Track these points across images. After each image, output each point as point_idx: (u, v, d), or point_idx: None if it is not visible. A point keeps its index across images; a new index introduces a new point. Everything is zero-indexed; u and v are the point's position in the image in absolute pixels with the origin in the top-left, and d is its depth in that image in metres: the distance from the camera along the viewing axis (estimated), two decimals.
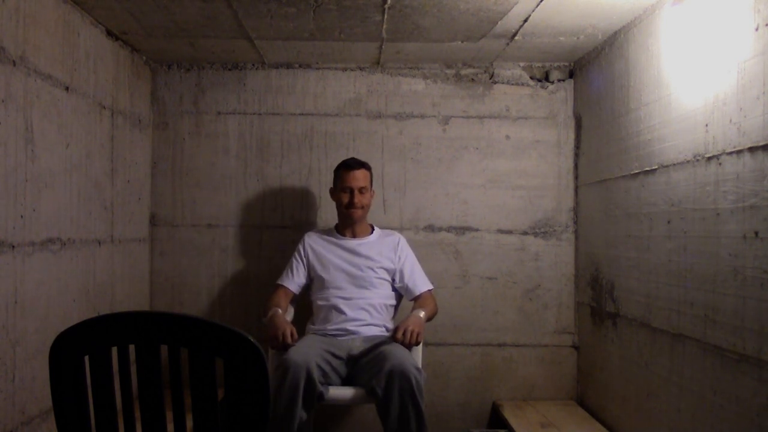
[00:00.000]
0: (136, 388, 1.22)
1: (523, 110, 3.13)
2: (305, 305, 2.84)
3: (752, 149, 1.68)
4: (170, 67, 3.11)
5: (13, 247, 1.92)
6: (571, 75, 3.13)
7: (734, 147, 1.76)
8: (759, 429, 1.64)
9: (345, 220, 2.72)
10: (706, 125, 1.91)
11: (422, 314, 2.47)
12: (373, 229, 2.79)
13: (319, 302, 2.64)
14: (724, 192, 1.80)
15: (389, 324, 2.64)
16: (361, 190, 2.66)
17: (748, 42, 1.70)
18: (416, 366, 2.24)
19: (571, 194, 3.13)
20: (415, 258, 2.77)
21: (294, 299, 2.72)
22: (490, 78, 3.14)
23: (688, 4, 2.04)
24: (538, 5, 2.29)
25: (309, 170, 3.13)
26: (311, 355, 2.25)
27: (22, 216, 1.97)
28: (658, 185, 2.22)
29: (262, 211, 3.12)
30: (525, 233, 3.12)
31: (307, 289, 2.74)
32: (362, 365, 2.39)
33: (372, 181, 2.76)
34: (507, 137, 3.13)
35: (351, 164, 2.68)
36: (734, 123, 1.76)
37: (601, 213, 2.77)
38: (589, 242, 2.95)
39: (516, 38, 2.69)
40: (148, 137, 3.07)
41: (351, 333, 2.53)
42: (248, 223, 3.12)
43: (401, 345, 2.35)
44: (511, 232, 3.12)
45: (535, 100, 3.13)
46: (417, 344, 2.40)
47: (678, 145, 2.08)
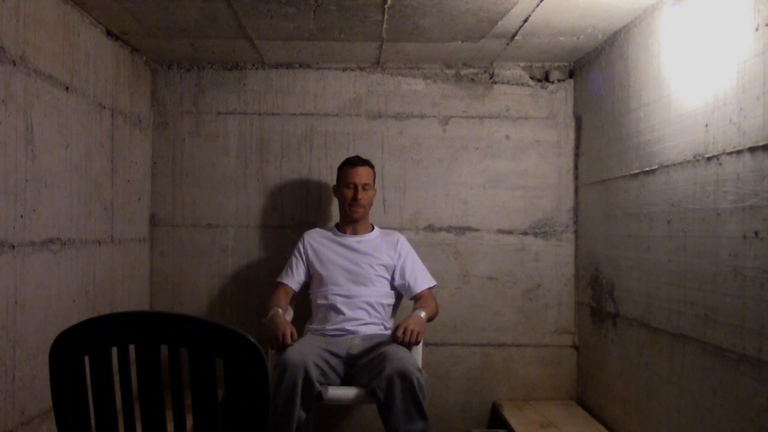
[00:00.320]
0: (136, 388, 1.22)
1: (523, 110, 3.13)
2: (305, 305, 2.84)
3: (752, 149, 1.68)
4: (170, 67, 3.12)
5: (13, 247, 1.92)
6: (571, 75, 3.13)
7: (734, 147, 1.76)
8: (759, 429, 1.64)
9: (347, 217, 2.73)
10: (706, 125, 1.91)
11: (423, 314, 2.47)
12: (373, 228, 2.80)
13: (318, 301, 2.64)
14: (724, 192, 1.80)
15: (388, 323, 2.65)
16: (365, 187, 2.68)
17: (748, 42, 1.70)
18: (417, 367, 2.24)
19: (571, 194, 3.13)
20: (417, 256, 2.77)
21: (294, 297, 2.73)
22: (490, 78, 3.14)
23: (688, 4, 2.04)
24: (538, 5, 2.29)
25: (309, 170, 3.13)
26: (309, 355, 2.26)
27: (22, 216, 1.97)
28: (658, 185, 2.22)
29: (262, 211, 3.12)
30: (525, 233, 3.12)
31: (307, 287, 2.75)
32: (362, 365, 2.39)
33: (375, 180, 2.77)
34: (507, 137, 3.13)
35: (355, 161, 2.71)
36: (734, 123, 1.76)
37: (601, 213, 2.77)
38: (589, 242, 2.95)
39: (516, 38, 2.69)
40: (148, 137, 3.07)
41: (350, 332, 2.53)
42: (248, 223, 3.12)
43: (401, 344, 2.35)
44: (511, 232, 3.12)
45: (535, 100, 3.13)
46: (417, 344, 2.40)
47: (678, 145, 2.08)
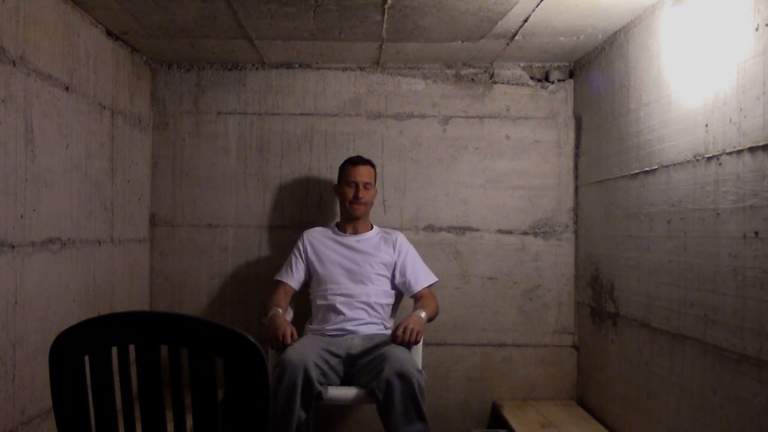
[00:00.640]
0: (136, 388, 1.22)
1: (523, 110, 3.13)
2: (305, 305, 2.84)
3: (752, 149, 1.68)
4: (170, 67, 3.11)
5: (13, 247, 1.92)
6: (571, 75, 3.13)
7: (734, 147, 1.76)
8: (759, 429, 1.64)
9: (348, 216, 2.74)
10: (706, 125, 1.91)
11: (423, 315, 2.47)
12: (373, 227, 2.81)
13: (318, 302, 2.64)
14: (724, 192, 1.80)
15: (388, 323, 2.65)
16: (366, 186, 2.70)
17: (748, 42, 1.70)
18: (417, 368, 2.24)
19: (571, 194, 3.13)
20: (417, 254, 2.78)
21: (294, 297, 2.73)
22: (490, 78, 3.14)
23: (688, 4, 2.04)
24: (538, 5, 2.29)
25: (309, 170, 3.13)
26: (308, 355, 2.26)
27: (22, 216, 1.97)
28: (658, 185, 2.22)
29: (262, 211, 3.12)
30: (525, 233, 3.12)
31: (307, 286, 2.75)
32: (362, 366, 2.39)
33: (375, 180, 2.78)
34: (507, 137, 3.13)
35: (356, 160, 2.74)
36: (734, 123, 1.76)
37: (601, 213, 2.77)
38: (589, 242, 2.95)
39: (516, 38, 2.69)
40: (148, 137, 3.07)
41: (350, 332, 2.54)
42: (248, 223, 3.12)
43: (401, 343, 2.35)
44: (511, 232, 3.12)
45: (535, 100, 3.13)
46: (416, 343, 2.40)
47: (678, 145, 2.08)
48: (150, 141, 3.09)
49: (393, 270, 2.70)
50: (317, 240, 2.75)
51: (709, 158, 1.89)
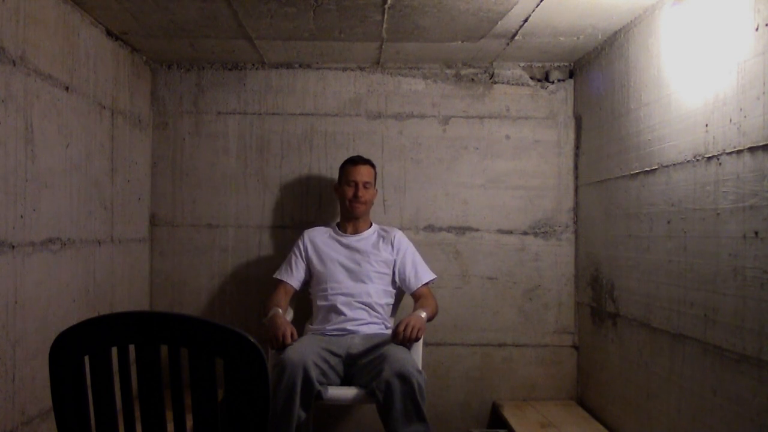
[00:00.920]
0: (136, 388, 1.22)
1: (523, 110, 3.13)
2: (305, 305, 2.84)
3: (752, 149, 1.68)
4: (170, 67, 3.11)
5: (13, 247, 1.92)
6: (571, 75, 3.13)
7: (734, 147, 1.76)
8: (759, 429, 1.64)
9: (348, 215, 2.75)
10: (706, 125, 1.91)
11: (423, 314, 2.47)
12: (371, 226, 2.81)
13: (319, 302, 2.64)
14: (724, 192, 1.80)
15: (388, 322, 2.65)
16: (366, 185, 2.71)
17: (748, 42, 1.70)
18: (417, 368, 2.24)
19: (571, 194, 3.13)
20: (416, 251, 2.78)
21: (294, 296, 2.73)
22: (490, 78, 3.14)
23: (688, 4, 2.04)
24: (538, 5, 2.29)
25: (309, 170, 3.13)
26: (308, 354, 2.26)
27: (22, 216, 1.97)
28: (658, 185, 2.22)
29: (262, 211, 3.12)
30: (525, 233, 3.12)
31: (307, 285, 2.75)
32: (362, 366, 2.39)
33: (375, 180, 2.79)
34: (507, 137, 3.13)
35: (356, 160, 2.75)
36: (734, 123, 1.76)
37: (601, 213, 2.77)
38: (589, 242, 2.95)
39: (516, 38, 2.69)
40: (148, 137, 3.07)
41: (350, 332, 2.54)
42: (248, 223, 3.12)
43: (401, 341, 2.35)
44: (511, 232, 3.12)
45: (535, 100, 3.13)
46: (417, 340, 2.40)
47: (678, 145, 2.08)
48: (150, 141, 3.09)
49: (393, 267, 2.70)
50: (317, 239, 2.75)
51: (709, 158, 1.89)
